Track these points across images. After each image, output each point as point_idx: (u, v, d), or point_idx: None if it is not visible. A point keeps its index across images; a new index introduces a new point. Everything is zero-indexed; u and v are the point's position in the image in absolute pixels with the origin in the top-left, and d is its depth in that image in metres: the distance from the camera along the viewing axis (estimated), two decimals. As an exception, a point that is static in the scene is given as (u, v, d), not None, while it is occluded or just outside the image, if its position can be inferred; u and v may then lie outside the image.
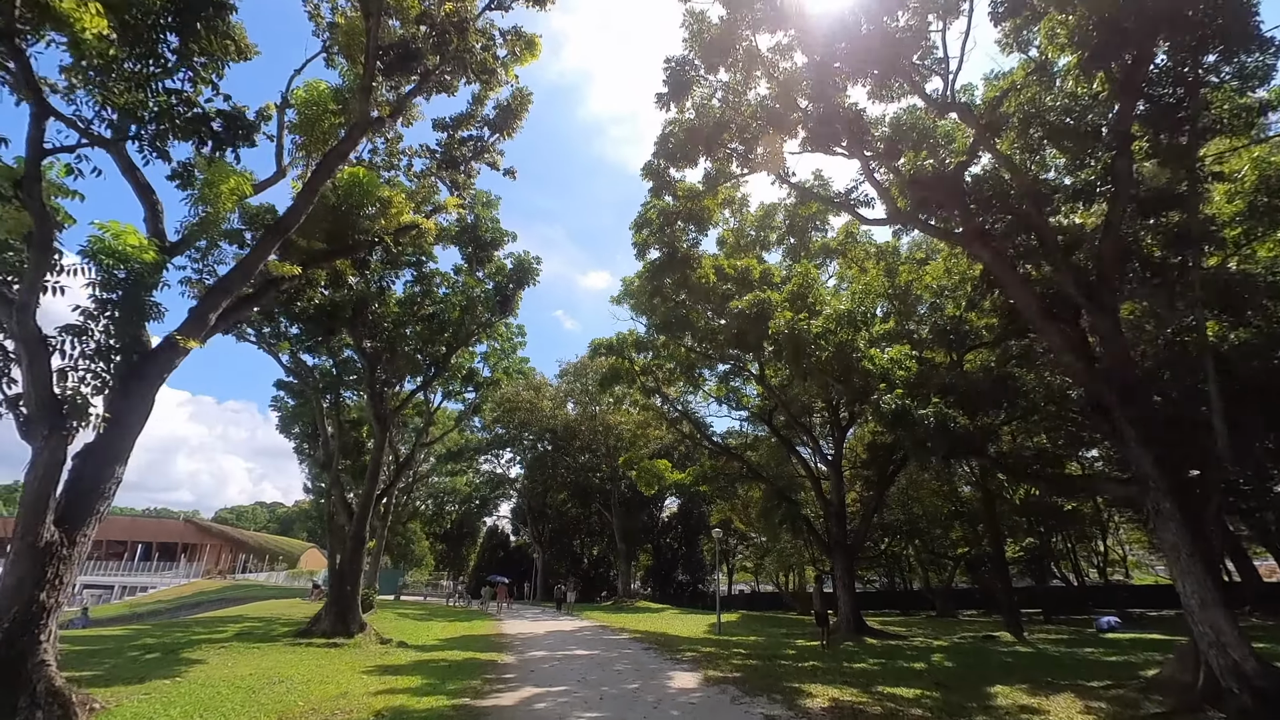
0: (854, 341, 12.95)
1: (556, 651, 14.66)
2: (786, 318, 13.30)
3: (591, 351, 25.52)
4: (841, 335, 13.01)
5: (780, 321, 13.20)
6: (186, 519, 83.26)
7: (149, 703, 7.98)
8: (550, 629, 21.22)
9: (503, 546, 56.44)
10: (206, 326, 8.41)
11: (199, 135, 8.05)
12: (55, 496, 7.08)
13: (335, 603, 16.62)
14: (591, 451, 43.25)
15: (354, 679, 10.48)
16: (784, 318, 13.31)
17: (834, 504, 22.69)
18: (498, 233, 20.97)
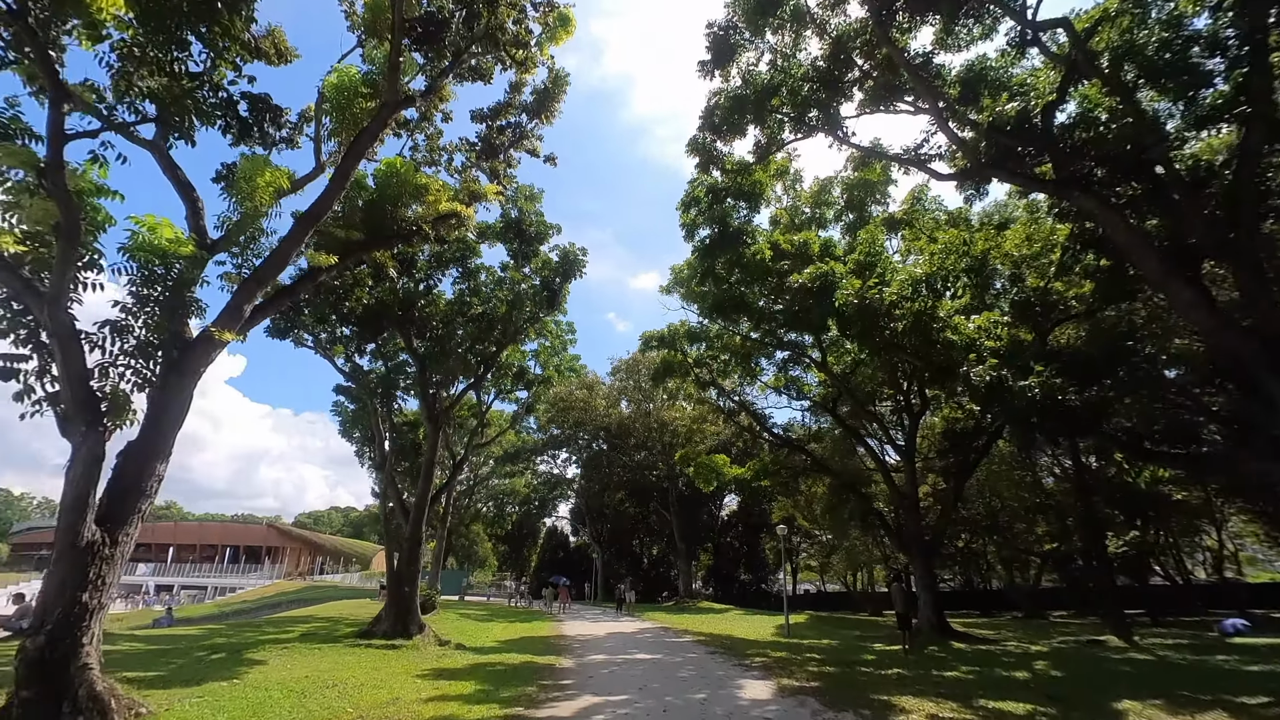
0: (934, 310, 11.53)
1: (617, 655, 13.93)
2: (854, 286, 11.99)
3: (643, 344, 24.76)
4: (919, 303, 11.59)
5: (848, 291, 11.91)
6: (269, 524, 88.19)
7: (199, 707, 7.73)
8: (610, 631, 20.56)
9: (562, 547, 56.56)
10: (242, 318, 8.13)
11: (224, 120, 7.76)
12: (95, 495, 6.87)
13: (394, 604, 16.52)
14: (647, 449, 42.52)
15: (407, 683, 10.07)
16: (852, 286, 12.00)
17: (908, 497, 21.02)
18: (542, 226, 20.54)
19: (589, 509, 49.25)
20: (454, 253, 18.47)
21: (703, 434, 34.55)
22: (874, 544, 37.29)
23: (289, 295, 9.23)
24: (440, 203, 11.82)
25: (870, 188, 19.52)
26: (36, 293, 6.57)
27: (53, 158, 6.37)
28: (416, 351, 18.79)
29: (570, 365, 30.13)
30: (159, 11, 6.98)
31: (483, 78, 13.88)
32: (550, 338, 26.02)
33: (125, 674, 9.87)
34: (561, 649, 15.33)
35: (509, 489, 60.48)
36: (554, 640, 17.58)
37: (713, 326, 24.93)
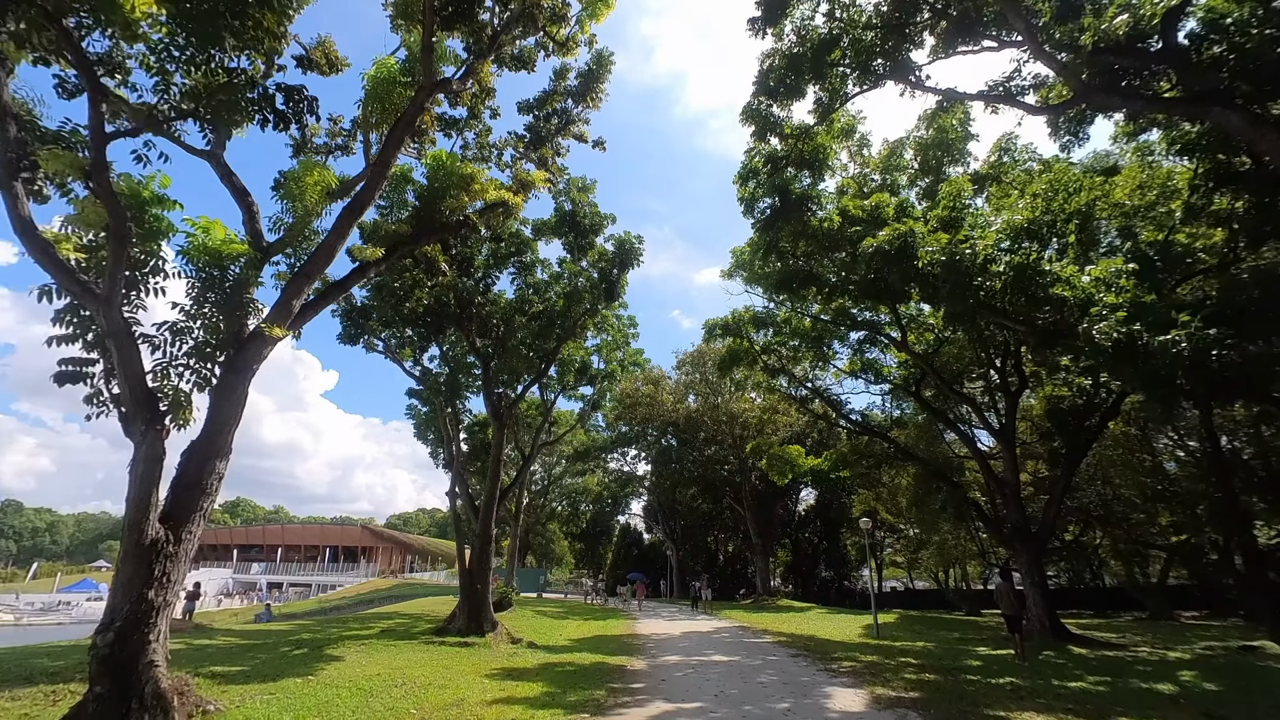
0: (1038, 262, 9.92)
1: (692, 656, 13.20)
2: (941, 241, 10.54)
3: (706, 333, 23.84)
4: (1019, 256, 10.00)
5: (932, 248, 10.48)
6: (363, 525, 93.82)
7: (268, 705, 7.69)
8: (686, 629, 19.84)
9: (636, 544, 56.42)
10: (292, 314, 8.06)
11: (262, 114, 7.67)
12: (158, 494, 6.91)
13: (467, 601, 16.56)
14: (717, 443, 41.44)
15: (474, 683, 9.79)
16: (938, 241, 10.55)
17: (1009, 485, 18.97)
18: (596, 217, 20.12)
19: (661, 506, 48.75)
20: (510, 249, 18.35)
21: (774, 425, 33.16)
22: (968, 537, 34.48)
23: (339, 290, 9.16)
24: (487, 192, 11.53)
25: (947, 147, 17.67)
26: (94, 295, 6.64)
27: (96, 159, 6.41)
28: (479, 350, 18.85)
29: (634, 360, 29.67)
30: (192, 11, 6.94)
31: (526, 66, 13.56)
32: (611, 332, 25.63)
33: (213, 668, 10.19)
34: (634, 649, 14.77)
35: (581, 487, 61.15)
36: (627, 639, 17.07)
37: (780, 311, 23.65)
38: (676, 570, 46.42)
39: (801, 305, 20.92)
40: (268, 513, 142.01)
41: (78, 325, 7.34)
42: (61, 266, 6.72)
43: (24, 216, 6.72)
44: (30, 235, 6.68)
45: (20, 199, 6.73)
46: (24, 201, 6.76)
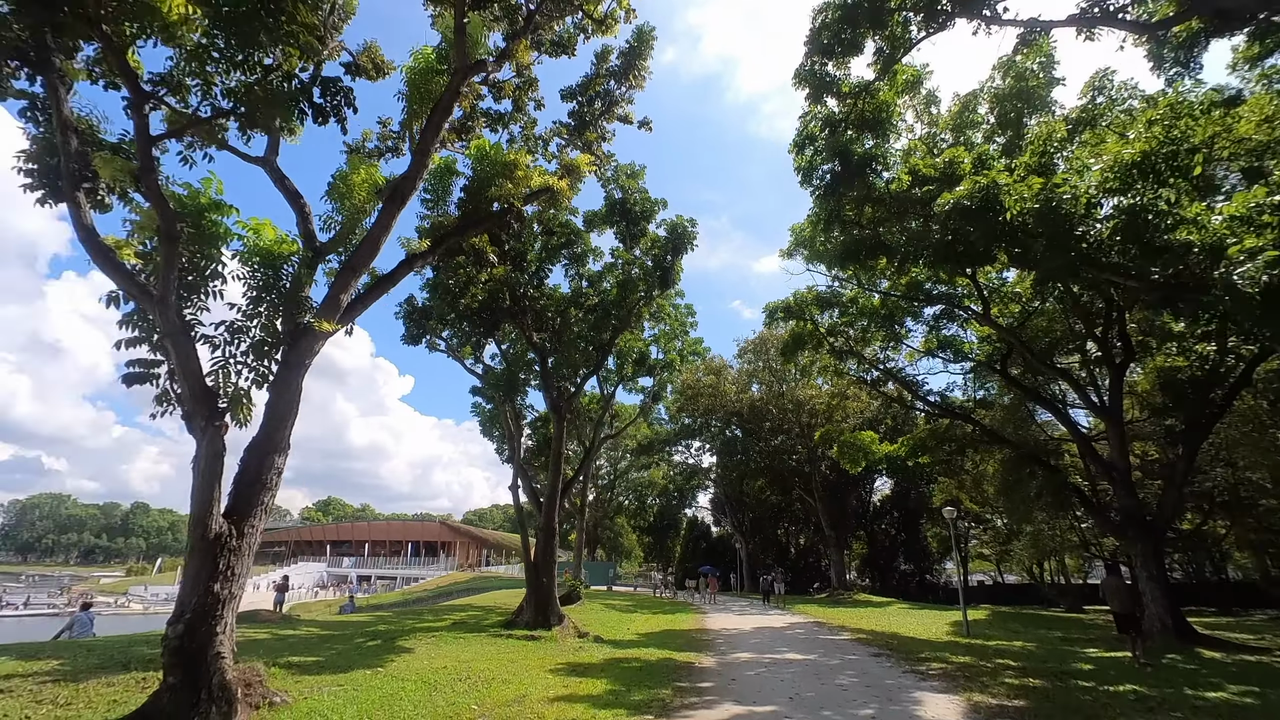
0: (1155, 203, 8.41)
1: (764, 654, 12.52)
2: (1033, 187, 9.16)
3: (767, 317, 22.85)
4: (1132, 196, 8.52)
5: (1021, 196, 9.12)
6: (441, 521, 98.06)
7: (334, 697, 7.72)
8: (758, 625, 19.11)
9: (704, 537, 55.75)
10: (339, 308, 8.04)
11: (300, 108, 7.64)
12: (219, 489, 7.01)
13: (533, 595, 16.55)
14: (784, 433, 40.07)
15: (538, 679, 9.58)
16: (1028, 189, 9.16)
17: (1118, 468, 16.99)
18: (647, 203, 19.62)
19: (728, 498, 47.87)
20: (561, 240, 18.15)
21: (844, 411, 31.61)
22: (1068, 527, 31.63)
23: (387, 284, 9.13)
24: (530, 179, 11.26)
25: (1028, 96, 15.86)
26: (150, 296, 6.78)
27: (143, 161, 6.50)
28: (536, 344, 18.81)
29: (693, 349, 29.02)
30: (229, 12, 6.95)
31: (566, 50, 13.21)
32: (669, 321, 25.09)
33: (291, 658, 10.50)
34: (703, 645, 14.24)
35: (647, 481, 61.15)
36: (696, 635, 16.57)
37: (846, 290, 22.34)
38: (746, 563, 45.43)
39: (869, 280, 19.58)
40: (356, 510, 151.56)
41: (143, 328, 7.58)
42: (121, 270, 6.92)
43: (87, 225, 6.96)
44: (93, 242, 6.91)
45: (83, 208, 6.97)
46: (86, 210, 7.00)
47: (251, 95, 6.98)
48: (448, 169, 10.79)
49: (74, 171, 6.92)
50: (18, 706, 6.83)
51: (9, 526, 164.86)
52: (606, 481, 61.95)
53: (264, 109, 7.08)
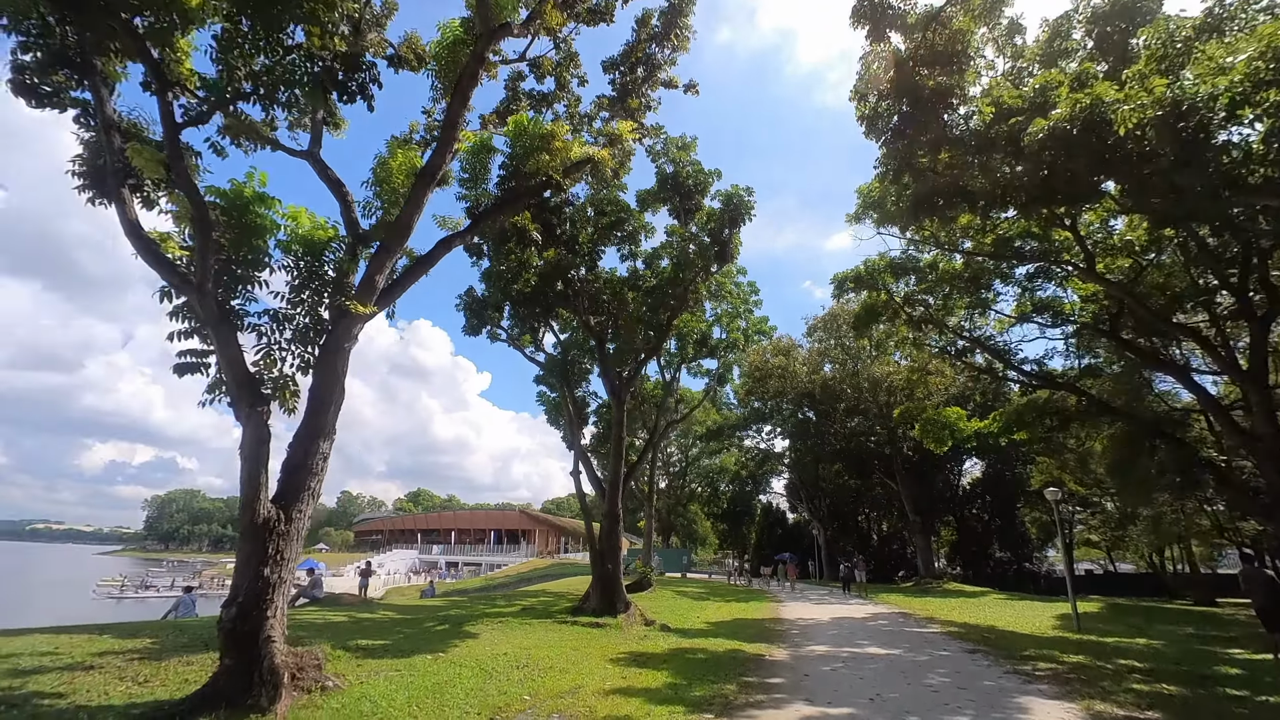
0: None
1: (842, 648, 11.57)
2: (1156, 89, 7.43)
3: (836, 288, 21.38)
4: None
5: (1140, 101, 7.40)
6: (521, 510, 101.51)
7: (388, 682, 7.63)
8: (836, 615, 18.00)
9: (780, 524, 54.17)
10: (375, 290, 7.88)
11: (324, 88, 7.46)
12: (266, 474, 7.01)
13: (599, 581, 16.29)
14: (861, 413, 37.96)
15: (596, 669, 9.18)
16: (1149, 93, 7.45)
17: (1263, 440, 14.51)
18: (700, 176, 18.75)
19: (803, 483, 46.16)
20: (611, 219, 17.63)
21: (926, 387, 29.29)
22: (1196, 510, 27.95)
23: (425, 264, 8.92)
24: (570, 150, 10.74)
25: (1132, 13, 13.54)
26: (190, 284, 6.81)
27: (170, 149, 6.50)
28: (593, 329, 18.46)
29: (759, 329, 27.89)
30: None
31: (604, 17, 12.60)
32: (730, 299, 24.11)
33: (360, 641, 10.66)
34: (776, 636, 13.44)
35: (718, 467, 60.31)
36: (769, 625, 15.75)
37: (923, 255, 20.50)
38: (824, 550, 43.68)
39: (949, 239, 17.78)
40: (443, 501, 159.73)
41: (193, 319, 7.70)
42: (164, 261, 6.99)
43: (132, 219, 7.07)
44: (137, 236, 7.02)
45: (127, 204, 7.09)
46: (131, 206, 7.12)
47: (271, 75, 6.84)
48: (484, 146, 10.47)
49: (118, 169, 7.06)
50: (100, 682, 7.14)
51: (152, 519, 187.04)
52: (678, 469, 61.66)
53: (285, 87, 6.91)
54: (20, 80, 7.42)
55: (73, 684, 7.01)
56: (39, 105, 7.79)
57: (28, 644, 9.07)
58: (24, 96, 7.67)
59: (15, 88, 7.50)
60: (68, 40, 6.99)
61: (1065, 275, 18.08)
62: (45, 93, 7.63)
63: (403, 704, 6.80)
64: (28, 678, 7.09)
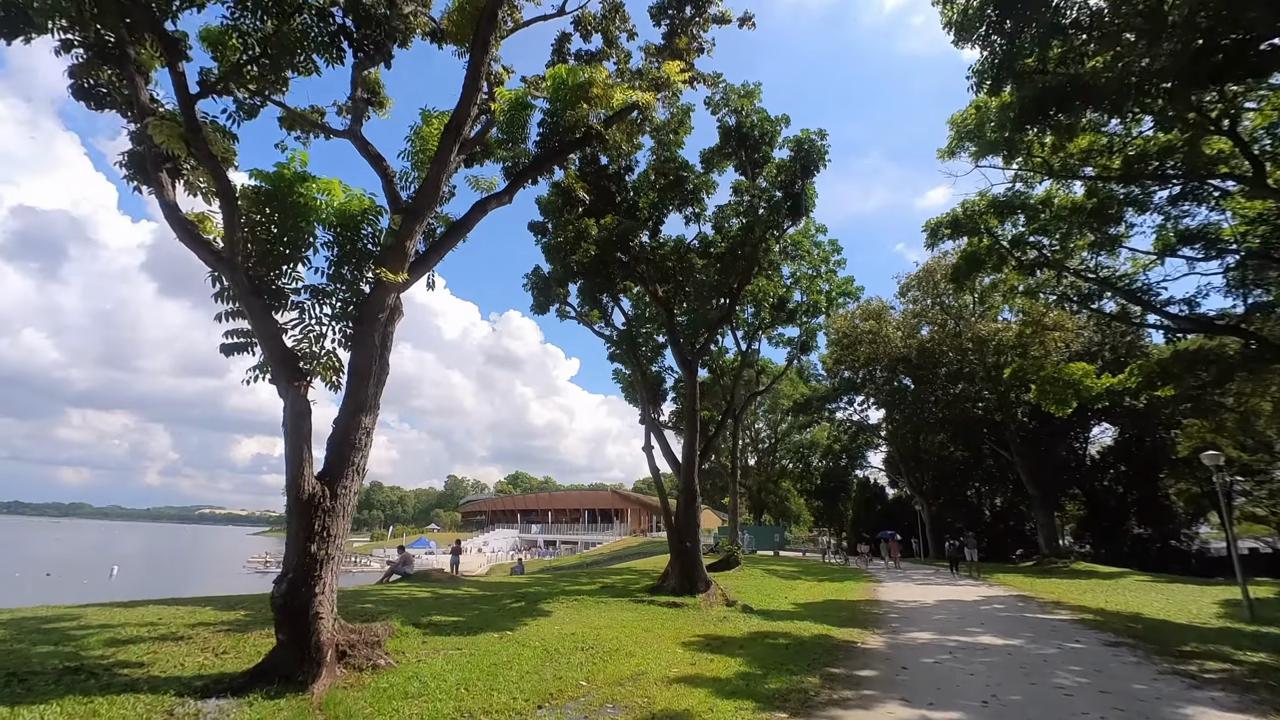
0: None
1: (949, 635, 10.17)
2: None
3: (929, 237, 19.12)
4: None
5: None
6: (613, 490, 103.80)
7: (445, 661, 7.37)
8: (943, 597, 16.29)
9: (878, 499, 51.20)
10: (406, 257, 7.50)
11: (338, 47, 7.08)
12: (308, 450, 6.86)
13: (678, 559, 15.66)
14: (965, 378, 34.48)
15: (666, 652, 8.52)
16: None
17: None
18: (766, 124, 17.29)
19: (902, 456, 43.10)
20: (670, 178, 16.61)
21: (1042, 344, 25.88)
22: None
23: (460, 229, 8.47)
24: (611, 97, 9.87)
25: None
26: (221, 260, 6.71)
27: (187, 121, 6.35)
28: (660, 298, 17.64)
29: (843, 290, 25.84)
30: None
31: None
32: (808, 259, 22.33)
33: (433, 617, 10.66)
34: (872, 620, 12.18)
35: (809, 442, 57.99)
36: (864, 607, 14.44)
37: (1034, 191, 17.80)
38: (929, 527, 40.62)
39: (1063, 164, 15.20)
40: (539, 483, 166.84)
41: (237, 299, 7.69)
42: (200, 241, 6.95)
43: (170, 201, 7.10)
44: (175, 217, 7.03)
45: (165, 187, 7.12)
46: (169, 189, 7.15)
47: (280, 36, 6.52)
48: (521, 104, 9.83)
49: (155, 153, 7.10)
50: (182, 653, 7.38)
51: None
52: (768, 445, 59.91)
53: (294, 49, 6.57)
54: (79, 85, 7.66)
55: (157, 654, 7.28)
56: (98, 107, 8.04)
57: (139, 615, 9.77)
58: (84, 100, 7.92)
59: (75, 92, 7.75)
60: (103, 34, 7.07)
61: (1222, 195, 14.92)
62: (101, 94, 7.85)
63: (452, 685, 6.47)
64: (121, 647, 7.45)
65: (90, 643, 7.70)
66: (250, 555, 72.47)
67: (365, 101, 9.94)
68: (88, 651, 7.29)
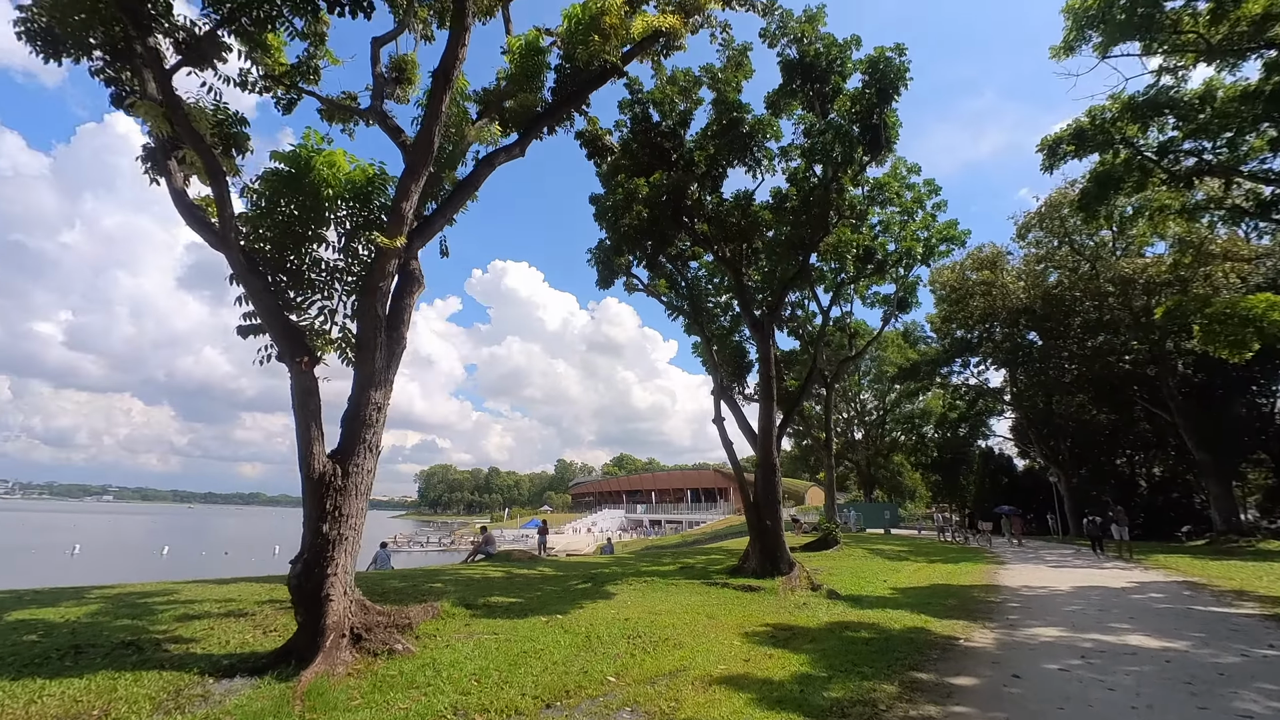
0: None
1: (1084, 633, 8.23)
2: None
3: (1046, 155, 16.06)
4: None
5: None
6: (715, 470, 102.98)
7: (478, 646, 6.87)
8: (1080, 583, 13.78)
9: (1004, 471, 46.03)
10: (404, 220, 6.95)
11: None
12: (317, 427, 6.58)
13: (758, 539, 14.46)
14: (1106, 327, 29.45)
15: (720, 644, 7.52)
16: None
17: None
18: (833, 49, 15.31)
19: (1032, 422, 38.20)
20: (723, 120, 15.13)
21: (1207, 275, 21.16)
22: None
23: (466, 189, 7.81)
24: (629, 26, 8.75)
25: None
26: (218, 237, 6.53)
27: (165, 97, 6.12)
28: (725, 258, 16.29)
29: (945, 235, 22.95)
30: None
31: None
32: (896, 200, 19.81)
33: (492, 598, 10.32)
34: (983, 610, 10.34)
35: (921, 412, 53.57)
36: (978, 594, 12.44)
37: (1188, 87, 14.29)
38: (1068, 501, 35.71)
39: (1226, 39, 11.93)
40: (644, 464, 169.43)
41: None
42: (204, 223, 6.83)
43: (177, 188, 7.05)
44: (182, 202, 6.96)
45: (174, 175, 7.08)
46: (177, 176, 7.10)
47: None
48: (533, 49, 8.97)
49: (163, 142, 7.08)
50: (237, 629, 7.49)
51: (422, 489, 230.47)
52: (875, 417, 56.18)
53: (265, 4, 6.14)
54: (116, 95, 7.82)
55: (213, 630, 7.40)
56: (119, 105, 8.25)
57: (225, 591, 10.30)
58: (119, 107, 8.11)
59: (114, 100, 7.94)
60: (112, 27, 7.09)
61: None
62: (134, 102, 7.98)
63: (466, 675, 5.92)
64: (185, 623, 7.67)
65: (163, 618, 8.05)
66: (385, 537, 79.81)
67: (389, 79, 9.60)
68: (156, 626, 7.58)
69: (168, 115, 6.30)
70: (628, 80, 16.47)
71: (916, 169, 21.45)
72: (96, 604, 8.98)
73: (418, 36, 9.74)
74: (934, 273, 33.17)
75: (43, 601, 9.08)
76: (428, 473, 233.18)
